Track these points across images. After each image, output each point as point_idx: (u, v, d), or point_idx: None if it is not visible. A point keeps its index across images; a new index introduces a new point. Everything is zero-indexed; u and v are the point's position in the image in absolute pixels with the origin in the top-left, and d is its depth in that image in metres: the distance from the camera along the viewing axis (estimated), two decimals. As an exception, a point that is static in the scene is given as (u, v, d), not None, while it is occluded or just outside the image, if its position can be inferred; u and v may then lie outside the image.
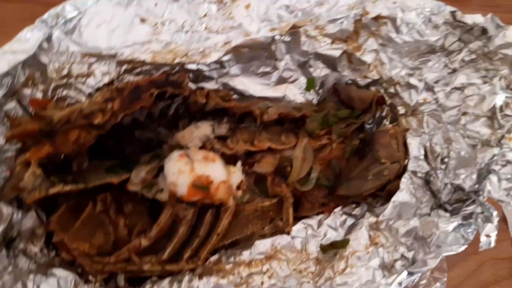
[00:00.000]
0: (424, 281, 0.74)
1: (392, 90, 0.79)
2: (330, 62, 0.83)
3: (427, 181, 0.72)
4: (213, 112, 0.79)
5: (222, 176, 0.71)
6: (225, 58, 0.81)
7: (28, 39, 0.72)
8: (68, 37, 0.77)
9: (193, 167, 0.70)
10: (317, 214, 0.76)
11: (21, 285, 0.64)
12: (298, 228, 0.74)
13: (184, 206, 0.71)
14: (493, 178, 0.66)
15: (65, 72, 0.77)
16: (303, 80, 0.85)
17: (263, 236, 0.75)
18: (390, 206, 0.69)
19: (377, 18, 0.78)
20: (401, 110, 0.78)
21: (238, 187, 0.74)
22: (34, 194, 0.63)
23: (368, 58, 0.80)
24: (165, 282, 0.68)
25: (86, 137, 0.64)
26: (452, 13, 0.74)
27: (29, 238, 0.70)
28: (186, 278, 0.68)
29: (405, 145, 0.74)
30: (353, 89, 0.79)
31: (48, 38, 0.76)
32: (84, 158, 0.67)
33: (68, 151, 0.64)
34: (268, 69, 0.85)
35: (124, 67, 0.79)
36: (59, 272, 0.66)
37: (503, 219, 0.88)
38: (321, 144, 0.76)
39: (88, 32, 0.77)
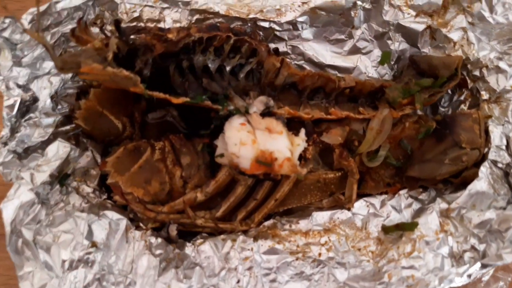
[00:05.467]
0: (486, 277, 0.69)
1: (477, 72, 0.73)
2: (410, 37, 0.77)
3: (506, 173, 0.67)
4: (282, 88, 0.74)
5: (287, 152, 0.66)
6: (300, 19, 0.77)
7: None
8: (144, -21, 0.74)
9: (255, 138, 0.65)
10: (380, 194, 0.72)
11: (73, 222, 0.62)
12: (359, 206, 0.70)
13: (246, 178, 0.67)
14: None
15: (135, 14, 0.74)
16: (377, 53, 0.80)
17: (320, 209, 0.71)
18: (465, 194, 0.65)
19: (471, -7, 0.72)
20: (485, 95, 0.72)
21: (301, 157, 0.69)
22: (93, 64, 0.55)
23: (454, 36, 0.74)
24: (218, 239, 0.65)
25: (156, 44, 0.61)
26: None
27: (83, 178, 0.68)
28: (241, 238, 0.65)
29: (486, 132, 0.69)
30: (434, 56, 0.74)
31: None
32: (148, 67, 0.63)
33: (134, 46, 0.60)
34: (342, 36, 0.80)
35: (195, 16, 0.75)
36: (111, 214, 0.64)
37: None
38: (404, 114, 0.71)
39: (163, -25, 0.74)
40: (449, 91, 0.78)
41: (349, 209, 0.70)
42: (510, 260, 0.58)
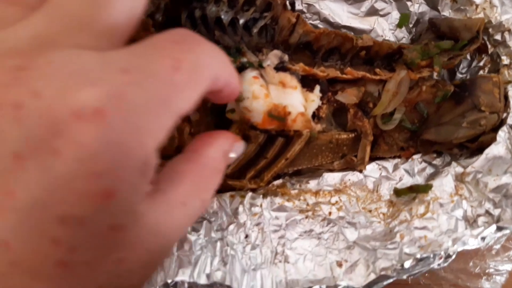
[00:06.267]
0: (497, 246, 0.68)
1: (498, 37, 0.71)
2: (431, -1, 0.75)
3: (525, 139, 0.65)
4: (296, 48, 0.72)
5: (300, 107, 0.64)
6: (318, -24, 0.74)
7: None
8: None
9: (268, 92, 0.63)
10: (393, 157, 0.70)
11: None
12: (371, 168, 0.69)
13: (257, 133, 0.65)
14: None
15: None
16: (395, 15, 0.78)
17: (331, 171, 0.70)
18: (482, 158, 0.63)
19: (497, -49, 0.69)
20: (505, 60, 0.70)
21: (314, 115, 0.68)
22: None
23: (477, -2, 0.72)
24: (226, 195, 0.64)
25: None
26: None
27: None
28: (249, 194, 0.63)
29: (505, 97, 0.67)
30: (456, 19, 0.71)
31: None
32: (160, 11, 0.60)
33: None
34: (360, -4, 0.77)
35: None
36: (119, 166, 0.63)
37: None
38: (421, 77, 0.68)
39: None
40: (468, 57, 0.75)
41: (361, 171, 0.68)
42: (526, 224, 0.57)
